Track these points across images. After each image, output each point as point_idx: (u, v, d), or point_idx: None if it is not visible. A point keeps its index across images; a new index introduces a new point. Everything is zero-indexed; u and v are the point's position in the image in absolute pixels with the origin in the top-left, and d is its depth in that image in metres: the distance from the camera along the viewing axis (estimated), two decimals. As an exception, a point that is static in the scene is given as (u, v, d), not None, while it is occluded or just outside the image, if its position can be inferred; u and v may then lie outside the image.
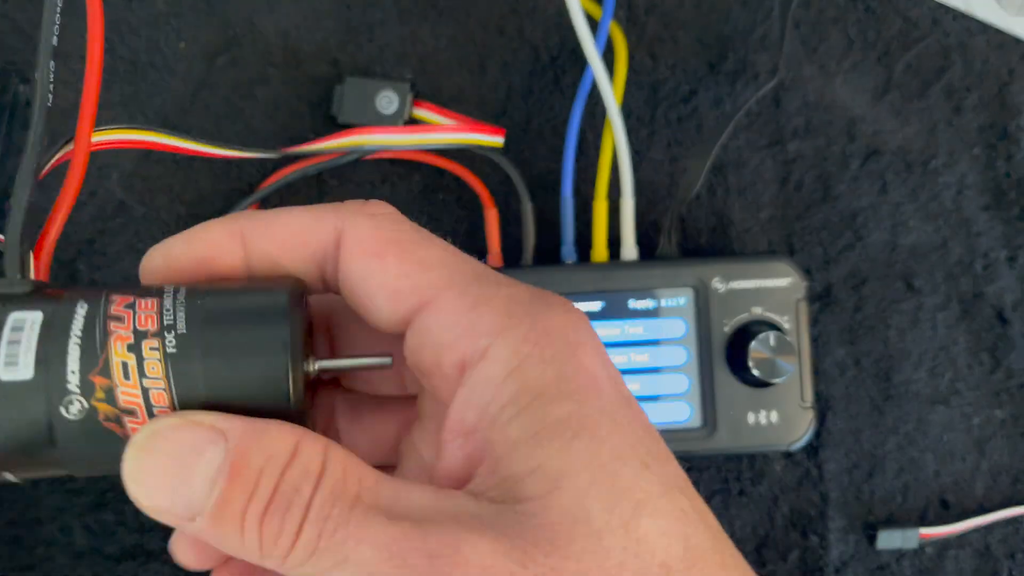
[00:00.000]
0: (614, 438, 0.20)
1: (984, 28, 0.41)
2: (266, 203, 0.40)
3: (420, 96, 0.40)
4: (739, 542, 0.38)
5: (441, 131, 0.37)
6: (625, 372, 0.36)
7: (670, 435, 0.36)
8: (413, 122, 0.39)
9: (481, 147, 0.38)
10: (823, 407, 0.39)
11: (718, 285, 0.36)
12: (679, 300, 0.36)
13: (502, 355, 0.20)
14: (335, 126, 0.40)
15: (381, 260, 0.22)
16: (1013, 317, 0.39)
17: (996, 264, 0.40)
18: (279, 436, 0.20)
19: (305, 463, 0.19)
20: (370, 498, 0.20)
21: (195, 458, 0.19)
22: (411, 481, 0.20)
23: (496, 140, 0.38)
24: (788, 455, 0.38)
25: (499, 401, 0.20)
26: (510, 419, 0.20)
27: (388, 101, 0.38)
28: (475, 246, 0.40)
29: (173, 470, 0.19)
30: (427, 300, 0.21)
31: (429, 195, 0.40)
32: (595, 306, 0.36)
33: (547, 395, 0.20)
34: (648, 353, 0.36)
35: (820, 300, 0.40)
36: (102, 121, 0.40)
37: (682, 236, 0.40)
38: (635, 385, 0.36)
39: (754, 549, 0.38)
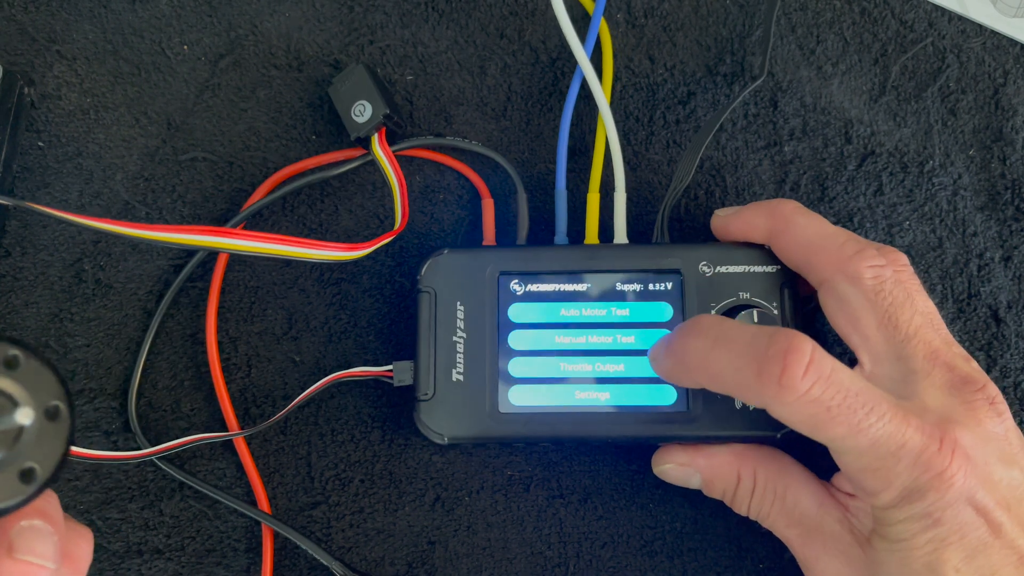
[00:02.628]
0: None
1: (980, 30, 0.42)
2: (271, 203, 0.40)
3: (396, 128, 0.40)
4: (733, 532, 0.38)
5: (293, 244, 0.35)
6: (611, 354, 0.36)
7: (655, 418, 0.36)
8: (365, 145, 0.39)
9: (332, 261, 0.36)
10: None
11: (705, 269, 0.36)
12: (666, 283, 0.36)
13: None
14: (335, 127, 0.41)
15: None
16: (1008, 317, 0.40)
17: (991, 265, 0.40)
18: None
19: None
20: None
21: None
22: None
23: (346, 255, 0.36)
24: (778, 443, 0.38)
25: None
26: None
27: (361, 110, 0.39)
28: (473, 242, 0.40)
29: None
30: None
31: (429, 195, 0.41)
32: (582, 287, 0.37)
33: None
34: (634, 335, 0.36)
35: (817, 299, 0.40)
36: (106, 123, 0.41)
37: (674, 230, 0.41)
38: (620, 367, 0.36)
39: (750, 544, 0.39)
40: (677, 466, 0.36)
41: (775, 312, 0.36)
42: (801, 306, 0.37)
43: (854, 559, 0.32)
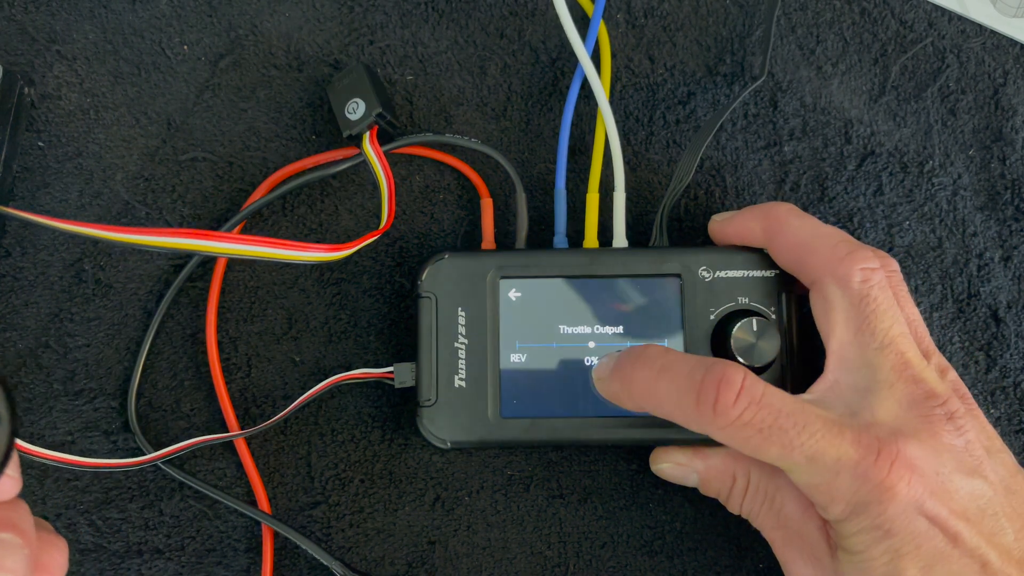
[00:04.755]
0: None
1: (979, 30, 0.42)
2: (271, 203, 0.40)
3: (389, 127, 0.40)
4: (733, 531, 0.38)
5: (275, 247, 0.35)
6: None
7: (654, 422, 0.36)
8: (356, 143, 0.39)
9: (309, 262, 0.36)
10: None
11: (704, 274, 0.36)
12: (666, 288, 0.37)
13: None
14: (335, 127, 0.41)
15: None
16: (1007, 317, 0.40)
17: (991, 264, 0.40)
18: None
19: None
20: None
21: None
22: None
23: (329, 255, 0.36)
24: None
25: None
26: None
27: (354, 108, 0.39)
28: (474, 244, 0.40)
29: None
30: None
31: (430, 195, 0.41)
32: (583, 291, 0.37)
33: None
34: (634, 340, 0.36)
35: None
36: (106, 123, 0.41)
37: (673, 230, 0.41)
38: None
39: (750, 544, 0.39)
40: (675, 465, 0.36)
41: (773, 317, 0.36)
42: (799, 309, 0.37)
43: (826, 567, 0.32)
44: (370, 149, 0.38)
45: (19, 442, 0.37)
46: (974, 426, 0.31)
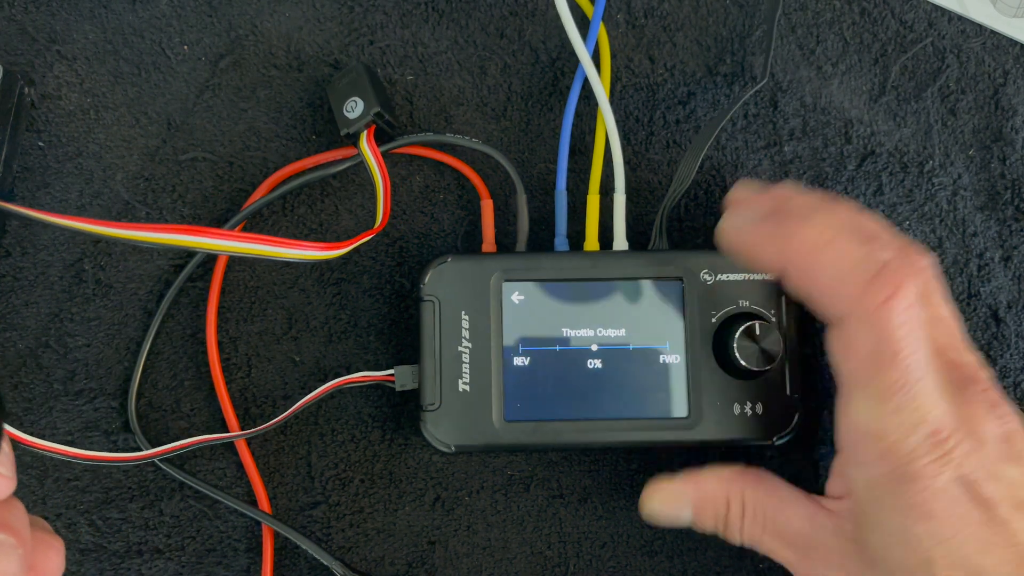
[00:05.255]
0: None
1: (979, 30, 0.42)
2: (271, 203, 0.40)
3: (388, 127, 0.40)
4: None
5: (270, 244, 0.34)
6: (613, 360, 0.37)
7: (657, 425, 0.36)
8: (354, 142, 0.39)
9: (297, 260, 0.35)
10: (822, 405, 0.40)
11: (706, 277, 0.36)
12: (668, 291, 0.37)
13: None
14: (335, 127, 0.41)
15: None
16: (1007, 317, 0.40)
17: (991, 265, 0.40)
18: None
19: None
20: None
21: None
22: None
23: (324, 254, 0.36)
24: (779, 449, 0.38)
25: None
26: None
27: (353, 107, 0.39)
28: (474, 245, 0.40)
29: None
30: None
31: (429, 195, 0.41)
32: (585, 294, 0.37)
33: None
34: (636, 343, 0.36)
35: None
36: (106, 123, 0.41)
37: (674, 230, 0.41)
38: (623, 374, 0.36)
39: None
40: (665, 502, 0.35)
41: (774, 320, 0.36)
42: (800, 312, 0.37)
43: (853, 568, 0.31)
44: (367, 148, 0.38)
45: (14, 432, 0.37)
46: (1014, 418, 0.31)
